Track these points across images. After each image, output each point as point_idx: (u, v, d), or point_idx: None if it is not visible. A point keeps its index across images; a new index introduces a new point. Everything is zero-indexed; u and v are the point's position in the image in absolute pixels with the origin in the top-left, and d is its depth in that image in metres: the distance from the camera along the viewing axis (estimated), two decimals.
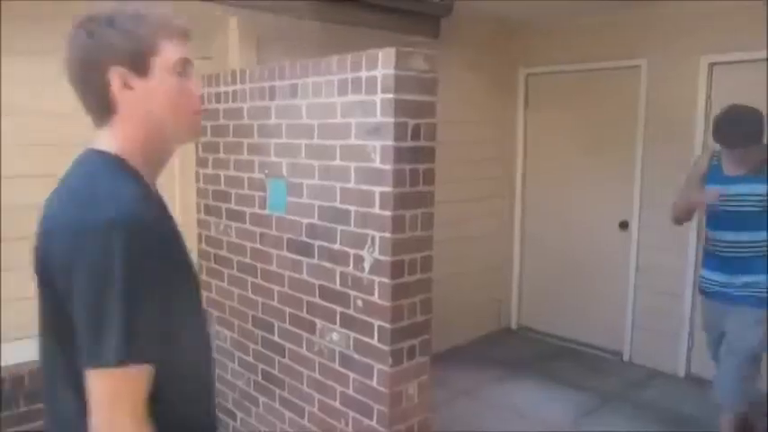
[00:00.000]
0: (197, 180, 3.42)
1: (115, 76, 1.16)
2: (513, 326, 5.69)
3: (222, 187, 3.24)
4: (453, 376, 4.31)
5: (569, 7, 4.54)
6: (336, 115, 2.50)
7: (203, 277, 3.45)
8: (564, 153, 5.21)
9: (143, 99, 1.19)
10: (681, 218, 3.36)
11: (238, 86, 3.06)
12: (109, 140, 1.21)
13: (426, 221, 2.42)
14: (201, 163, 3.39)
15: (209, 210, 3.37)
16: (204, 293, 3.46)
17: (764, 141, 2.98)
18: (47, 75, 2.90)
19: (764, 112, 3.00)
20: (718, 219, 3.13)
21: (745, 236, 3.05)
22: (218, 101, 3.21)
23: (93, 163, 1.19)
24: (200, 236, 3.45)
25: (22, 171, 2.89)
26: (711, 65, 4.29)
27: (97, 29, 1.16)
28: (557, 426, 3.82)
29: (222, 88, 3.17)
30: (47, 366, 1.23)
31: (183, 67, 1.23)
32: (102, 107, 1.20)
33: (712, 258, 3.21)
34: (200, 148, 3.38)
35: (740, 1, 3.98)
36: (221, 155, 3.23)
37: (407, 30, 3.96)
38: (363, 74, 2.35)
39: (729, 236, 3.09)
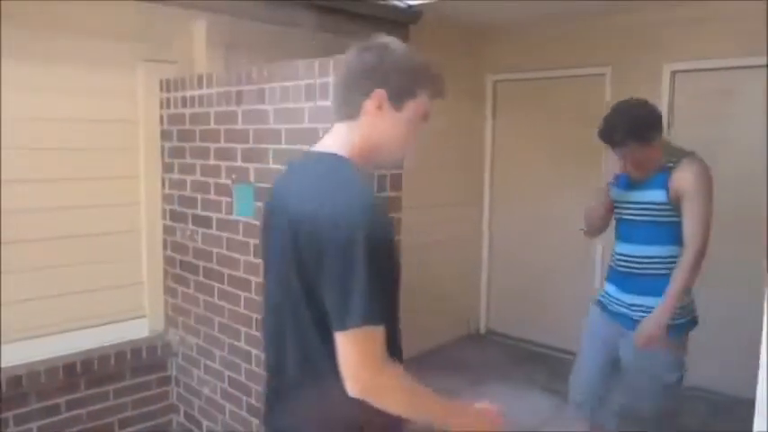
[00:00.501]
0: (163, 185, 3.38)
1: (376, 96, 1.43)
2: (482, 330, 5.72)
3: (188, 192, 3.21)
4: (422, 381, 4.29)
5: (536, 15, 4.59)
6: (304, 120, 2.49)
7: (168, 283, 3.41)
8: (531, 159, 5.27)
9: (383, 123, 1.45)
10: (587, 228, 2.98)
11: (205, 91, 3.04)
12: (339, 141, 1.48)
13: (394, 227, 2.42)
14: (167, 168, 3.34)
15: (174, 215, 3.32)
16: (169, 300, 3.42)
17: (653, 140, 2.59)
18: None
19: (662, 111, 2.73)
20: (617, 229, 2.82)
21: (638, 249, 2.68)
22: (183, 105, 3.17)
23: (332, 162, 1.44)
24: (165, 242, 3.41)
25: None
26: (674, 73, 4.38)
27: (384, 55, 1.44)
28: (526, 429, 3.85)
29: (188, 93, 3.14)
30: (278, 331, 1.47)
31: (423, 118, 1.49)
32: (346, 110, 1.47)
33: (611, 272, 2.86)
34: (165, 153, 3.34)
35: (701, 10, 4.08)
36: (187, 160, 3.19)
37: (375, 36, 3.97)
38: (331, 79, 2.35)
39: (624, 248, 2.74)
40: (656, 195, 2.61)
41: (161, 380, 3.41)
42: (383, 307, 1.31)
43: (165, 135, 3.34)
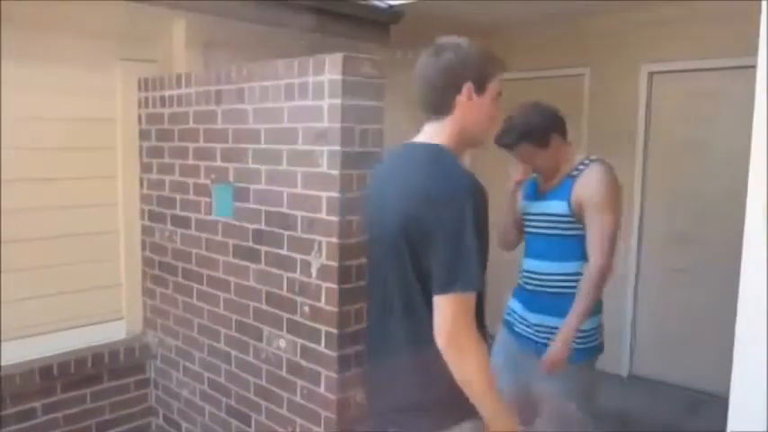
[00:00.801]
0: (141, 185, 3.34)
1: (466, 89, 1.65)
2: None
3: (167, 193, 3.18)
4: None
5: (516, 17, 4.62)
6: (283, 120, 2.48)
7: (147, 285, 3.38)
8: (511, 159, 5.28)
9: (473, 109, 1.67)
10: (499, 240, 2.74)
11: (184, 90, 3.01)
12: (436, 134, 1.69)
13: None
14: (146, 168, 3.31)
15: (153, 216, 3.29)
16: (147, 301, 3.38)
17: (548, 143, 2.44)
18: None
19: (558, 113, 2.53)
20: (525, 242, 2.64)
21: (543, 266, 2.50)
22: (162, 105, 3.14)
23: (435, 150, 1.65)
24: (143, 243, 3.37)
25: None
26: (651, 74, 4.43)
27: (459, 51, 1.65)
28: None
29: (167, 92, 3.11)
30: (381, 300, 1.72)
31: (499, 94, 1.71)
32: (440, 108, 1.68)
33: (517, 289, 2.66)
34: (144, 153, 3.31)
35: (679, 11, 4.12)
36: (166, 160, 3.16)
37: (356, 36, 3.96)
38: (311, 79, 2.35)
39: (529, 264, 2.56)
40: (559, 207, 2.42)
41: (139, 382, 3.37)
42: (481, 277, 1.53)
43: (143, 135, 3.31)
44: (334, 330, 2.36)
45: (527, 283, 2.57)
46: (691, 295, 4.32)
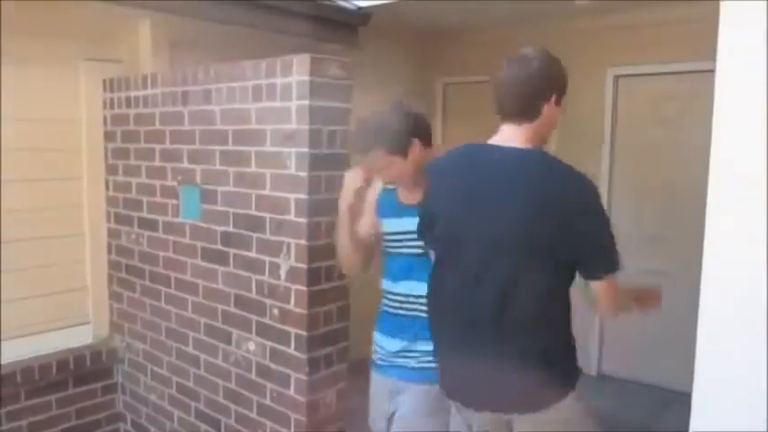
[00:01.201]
0: (107, 188, 3.29)
1: (554, 97, 1.80)
2: None
3: (133, 195, 3.14)
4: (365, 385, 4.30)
5: (486, 19, 4.65)
6: (251, 121, 2.47)
7: (114, 288, 3.33)
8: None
9: (552, 116, 1.82)
10: (342, 262, 2.28)
11: (150, 91, 2.98)
12: (518, 136, 1.80)
13: None
14: (111, 170, 3.26)
15: (119, 218, 3.25)
16: (114, 305, 3.34)
17: (402, 150, 2.04)
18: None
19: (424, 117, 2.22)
20: (386, 263, 2.23)
21: (400, 286, 2.16)
22: (128, 106, 3.10)
23: (543, 154, 1.81)
24: (110, 246, 3.32)
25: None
26: (617, 77, 4.50)
27: (546, 61, 1.80)
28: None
29: (133, 93, 3.07)
30: (472, 296, 1.80)
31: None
32: (530, 114, 1.79)
33: (380, 316, 2.27)
34: (109, 155, 3.26)
35: (645, 16, 4.19)
36: (132, 161, 3.12)
37: (324, 37, 3.95)
38: (278, 80, 2.34)
39: (388, 285, 2.19)
40: (413, 223, 2.05)
41: (106, 387, 3.32)
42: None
43: (108, 136, 3.26)
44: (304, 333, 2.36)
45: (389, 307, 2.20)
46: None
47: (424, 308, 2.05)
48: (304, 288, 2.33)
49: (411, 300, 2.13)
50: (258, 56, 2.46)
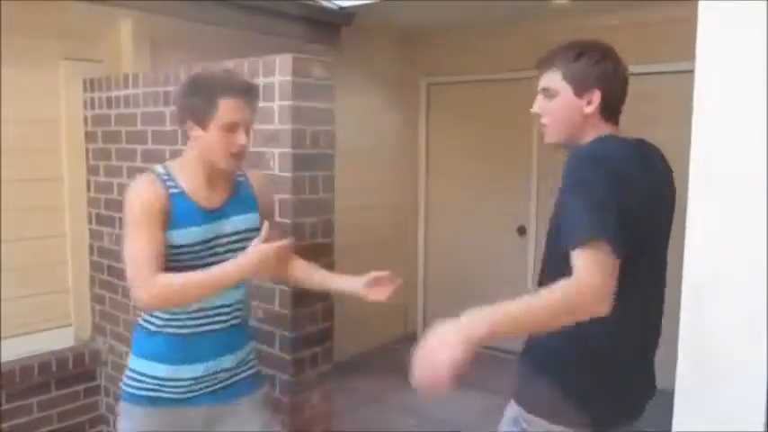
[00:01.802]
0: (88, 189, 3.27)
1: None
2: (419, 331, 5.77)
3: (115, 196, 3.11)
4: (359, 383, 4.31)
5: (470, 19, 4.66)
6: None
7: (95, 290, 3.30)
8: (466, 161, 5.34)
9: None
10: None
11: (131, 91, 2.95)
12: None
13: (326, 229, 2.42)
14: (93, 171, 3.24)
15: (101, 219, 3.22)
16: (96, 307, 3.31)
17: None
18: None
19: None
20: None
21: (231, 295, 1.90)
22: (109, 106, 3.08)
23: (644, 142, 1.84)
24: (91, 247, 3.29)
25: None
26: None
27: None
28: (461, 427, 3.90)
29: (114, 93, 3.05)
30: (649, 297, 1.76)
31: None
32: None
33: (175, 341, 1.90)
34: (90, 155, 3.23)
35: (620, 18, 4.23)
36: (114, 162, 3.10)
37: (307, 38, 3.94)
38: (261, 80, 2.33)
39: (206, 301, 1.84)
40: (249, 221, 1.90)
41: (89, 390, 3.29)
42: None
43: (89, 136, 3.23)
44: (288, 333, 2.35)
45: (216, 323, 1.90)
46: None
47: (237, 316, 1.93)
48: (288, 289, 2.33)
49: (225, 309, 1.91)
50: (241, 56, 2.45)
